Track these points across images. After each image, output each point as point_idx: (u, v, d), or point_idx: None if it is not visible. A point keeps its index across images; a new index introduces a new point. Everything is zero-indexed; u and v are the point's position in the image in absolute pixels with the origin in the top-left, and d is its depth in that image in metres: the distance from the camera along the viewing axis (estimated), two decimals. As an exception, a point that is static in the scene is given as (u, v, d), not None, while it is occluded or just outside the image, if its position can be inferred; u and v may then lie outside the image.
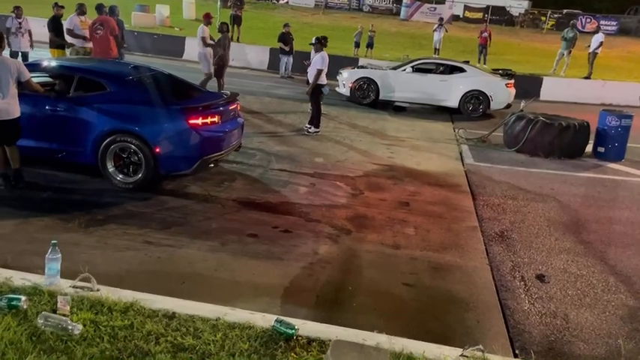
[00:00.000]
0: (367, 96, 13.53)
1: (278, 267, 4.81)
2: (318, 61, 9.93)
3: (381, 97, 13.41)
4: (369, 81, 13.45)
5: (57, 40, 11.17)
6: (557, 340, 4.09)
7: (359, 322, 3.82)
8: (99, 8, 11.12)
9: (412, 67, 13.67)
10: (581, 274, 5.25)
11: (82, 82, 6.50)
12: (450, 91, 13.20)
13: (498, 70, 14.78)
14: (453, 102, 13.27)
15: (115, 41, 10.97)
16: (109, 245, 4.89)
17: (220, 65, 11.77)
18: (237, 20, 21.65)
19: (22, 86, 5.90)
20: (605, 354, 3.95)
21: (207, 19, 12.08)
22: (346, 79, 13.74)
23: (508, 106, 13.35)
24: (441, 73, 13.54)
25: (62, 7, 11.49)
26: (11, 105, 5.75)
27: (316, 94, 10.05)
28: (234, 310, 3.52)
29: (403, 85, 13.38)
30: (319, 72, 9.85)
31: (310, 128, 10.05)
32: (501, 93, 13.22)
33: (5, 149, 5.95)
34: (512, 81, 13.56)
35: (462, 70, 13.57)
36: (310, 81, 10.08)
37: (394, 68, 14.05)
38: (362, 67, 14.86)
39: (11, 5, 12.23)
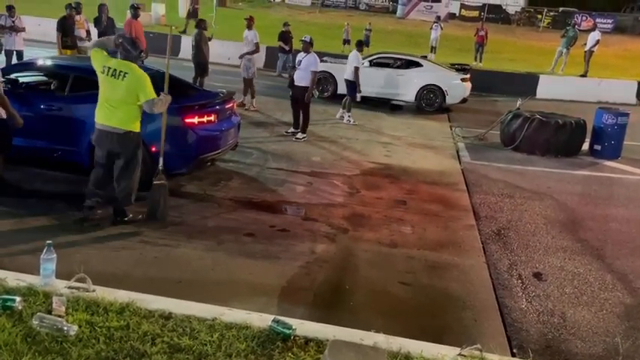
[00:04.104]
0: (326, 89, 13.61)
1: (275, 266, 4.79)
2: (313, 63, 9.48)
3: (340, 90, 13.30)
4: (328, 75, 13.50)
5: (65, 41, 10.96)
6: (554, 339, 4.08)
7: (356, 321, 3.80)
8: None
9: (370, 61, 13.67)
10: (578, 272, 5.26)
11: (77, 80, 6.46)
12: (406, 85, 13.24)
13: (455, 64, 14.88)
14: (410, 96, 13.34)
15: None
16: (105, 245, 4.86)
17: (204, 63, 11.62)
18: (194, 14, 22.64)
19: None
20: (603, 352, 3.95)
21: (251, 22, 11.83)
22: None
23: (464, 100, 13.59)
24: (398, 67, 13.58)
25: (74, 8, 11.09)
26: None
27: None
28: (231, 310, 3.50)
29: (361, 79, 13.38)
30: (316, 74, 9.58)
31: (298, 133, 9.48)
32: (456, 88, 13.37)
33: None
34: (468, 76, 13.78)
35: (418, 64, 13.66)
36: (307, 85, 9.46)
37: None
38: (322, 60, 14.80)
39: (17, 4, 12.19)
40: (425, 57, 14.34)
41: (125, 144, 5.13)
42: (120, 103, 5.02)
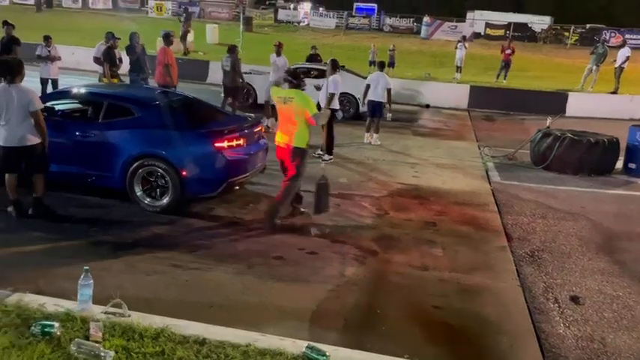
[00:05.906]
0: (246, 100, 14.04)
1: (305, 289, 4.78)
2: (331, 85, 9.55)
3: (259, 101, 13.54)
4: (248, 86, 13.97)
5: (114, 71, 11.33)
6: (595, 365, 3.95)
7: (389, 346, 3.75)
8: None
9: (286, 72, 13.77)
10: (617, 295, 5.10)
11: (110, 107, 6.64)
12: (321, 94, 13.12)
13: None
14: (324, 104, 13.28)
15: (165, 70, 10.88)
16: (138, 269, 4.93)
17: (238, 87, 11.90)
18: (184, 36, 24.99)
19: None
20: (647, 380, 3.81)
21: (280, 48, 12.25)
22: None
23: None
24: (315, 77, 13.57)
25: (118, 38, 11.50)
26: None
27: (330, 119, 9.34)
28: (264, 335, 3.49)
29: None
30: (332, 96, 9.50)
31: (324, 155, 9.51)
32: None
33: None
34: None
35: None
36: (322, 105, 9.53)
37: None
38: (247, 72, 14.87)
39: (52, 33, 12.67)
40: (343, 67, 14.39)
41: (292, 158, 6.08)
42: (292, 124, 6.02)
